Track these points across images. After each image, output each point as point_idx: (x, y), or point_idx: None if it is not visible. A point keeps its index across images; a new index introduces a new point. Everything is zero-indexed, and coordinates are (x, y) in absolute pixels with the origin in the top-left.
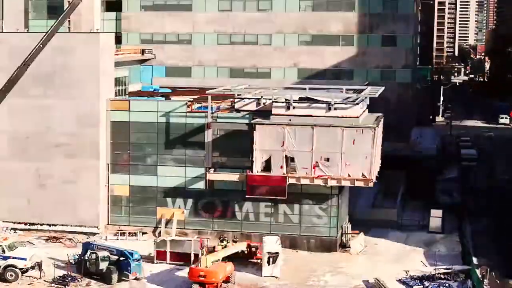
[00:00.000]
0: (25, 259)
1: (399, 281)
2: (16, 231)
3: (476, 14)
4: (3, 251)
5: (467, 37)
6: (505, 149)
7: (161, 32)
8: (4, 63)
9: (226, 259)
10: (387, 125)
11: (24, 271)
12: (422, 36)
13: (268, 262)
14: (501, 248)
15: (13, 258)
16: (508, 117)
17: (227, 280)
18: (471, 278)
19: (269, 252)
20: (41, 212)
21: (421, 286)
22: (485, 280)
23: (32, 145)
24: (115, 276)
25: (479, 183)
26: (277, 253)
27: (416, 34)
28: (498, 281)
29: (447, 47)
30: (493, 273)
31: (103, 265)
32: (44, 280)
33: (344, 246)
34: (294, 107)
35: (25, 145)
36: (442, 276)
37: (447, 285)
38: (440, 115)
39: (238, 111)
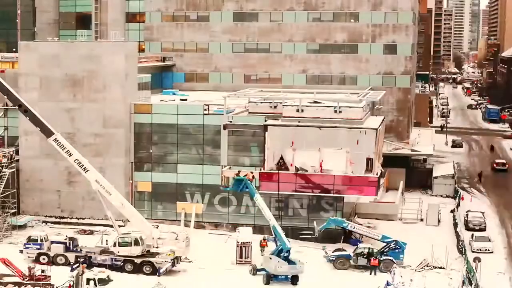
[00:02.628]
0: None
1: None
2: (48, 224)
3: (469, 25)
4: None
5: (462, 45)
6: None
7: (181, 41)
8: (36, 70)
9: None
10: (388, 127)
11: None
12: (420, 45)
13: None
14: None
15: None
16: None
17: None
18: (466, 267)
19: (242, 242)
20: (70, 207)
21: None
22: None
23: None
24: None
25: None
26: (249, 242)
27: (414, 43)
28: None
29: (443, 54)
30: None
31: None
32: None
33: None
34: (303, 110)
35: None
36: (439, 266)
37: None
38: (438, 117)
39: (251, 113)
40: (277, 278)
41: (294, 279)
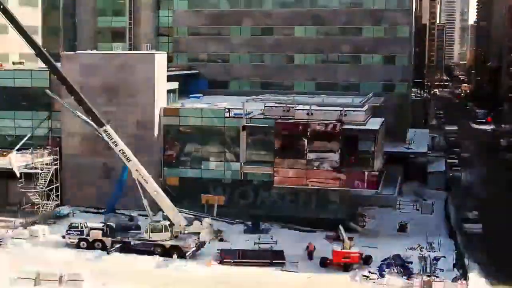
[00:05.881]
0: None
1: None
2: (87, 214)
3: (459, 38)
4: None
5: (453, 56)
6: None
7: (205, 52)
8: (77, 78)
9: None
10: (387, 128)
11: None
12: (416, 56)
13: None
14: None
15: None
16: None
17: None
18: (456, 251)
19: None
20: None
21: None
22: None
23: (100, 144)
24: None
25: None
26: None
27: (411, 54)
28: None
29: (436, 64)
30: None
31: None
32: None
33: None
34: (312, 113)
35: (94, 144)
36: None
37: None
38: (432, 120)
39: (267, 116)
40: None
41: None
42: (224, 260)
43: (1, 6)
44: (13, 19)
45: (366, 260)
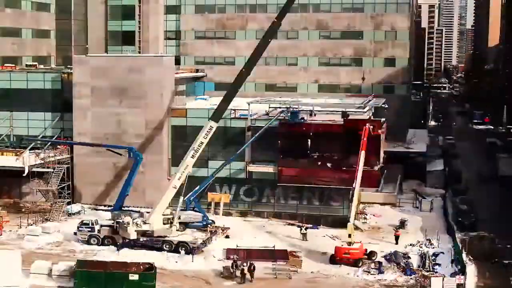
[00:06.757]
0: None
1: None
2: (98, 211)
3: (457, 41)
4: None
5: (451, 59)
6: None
7: (211, 55)
8: (88, 80)
9: None
10: (388, 128)
11: None
12: (415, 58)
13: None
14: None
15: None
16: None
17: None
18: (454, 247)
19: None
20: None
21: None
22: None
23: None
24: None
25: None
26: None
27: (411, 57)
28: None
29: (435, 67)
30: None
31: None
32: None
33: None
34: (315, 114)
35: None
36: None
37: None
38: (430, 121)
39: (271, 117)
40: None
41: None
42: (229, 258)
43: None
44: None
45: (370, 256)
